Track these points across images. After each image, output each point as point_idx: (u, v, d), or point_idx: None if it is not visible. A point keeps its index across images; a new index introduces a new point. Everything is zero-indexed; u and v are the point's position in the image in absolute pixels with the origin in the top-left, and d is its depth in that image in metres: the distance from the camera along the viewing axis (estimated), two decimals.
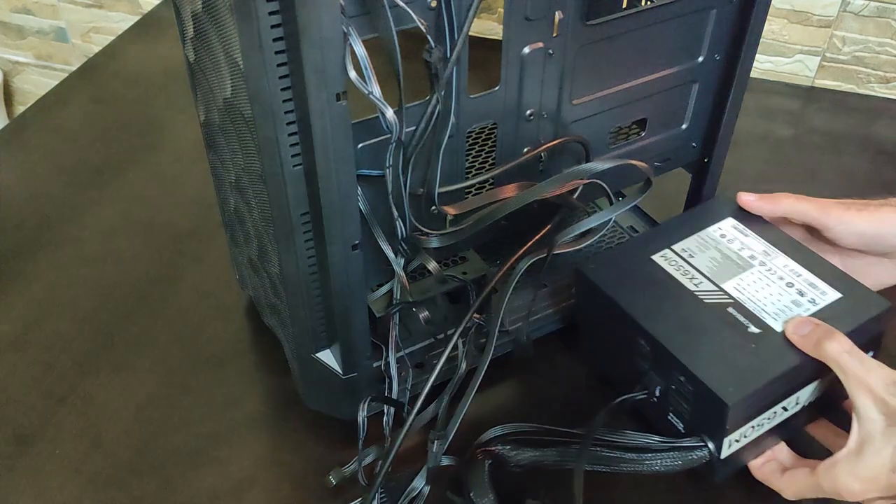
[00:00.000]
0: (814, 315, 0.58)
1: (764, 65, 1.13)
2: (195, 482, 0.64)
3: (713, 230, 0.66)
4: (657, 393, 0.59)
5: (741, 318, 0.58)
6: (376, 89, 0.47)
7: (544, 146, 0.61)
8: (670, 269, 0.63)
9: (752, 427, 0.56)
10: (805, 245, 0.65)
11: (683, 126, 0.71)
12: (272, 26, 0.45)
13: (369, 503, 0.57)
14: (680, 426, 0.58)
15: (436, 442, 0.58)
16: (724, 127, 0.71)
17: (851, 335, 0.55)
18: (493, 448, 0.58)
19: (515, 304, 0.68)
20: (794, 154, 1.00)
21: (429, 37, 0.49)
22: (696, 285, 0.61)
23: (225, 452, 0.66)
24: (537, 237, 0.63)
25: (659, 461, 0.56)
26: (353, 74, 0.46)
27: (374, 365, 0.63)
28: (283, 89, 0.47)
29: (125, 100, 1.08)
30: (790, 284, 0.61)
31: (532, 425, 0.59)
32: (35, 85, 1.62)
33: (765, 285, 0.61)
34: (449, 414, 0.59)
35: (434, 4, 0.49)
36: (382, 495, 0.59)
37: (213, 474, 0.65)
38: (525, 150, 0.62)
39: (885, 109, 1.06)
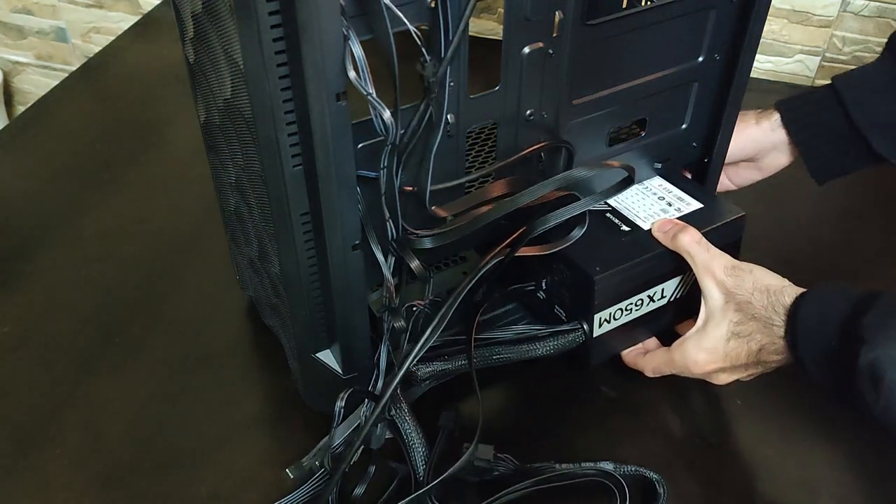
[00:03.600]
0: (677, 219, 0.66)
1: (764, 65, 1.13)
2: (196, 482, 0.64)
3: None
4: (544, 286, 0.66)
5: (615, 221, 0.67)
6: (373, 90, 0.47)
7: (527, 150, 0.61)
8: None
9: (621, 310, 0.65)
10: (685, 174, 0.75)
11: (683, 126, 0.71)
12: (272, 26, 0.45)
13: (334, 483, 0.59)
14: (563, 316, 0.67)
15: (378, 425, 0.61)
16: (724, 127, 0.71)
17: (708, 236, 0.64)
18: None
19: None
20: None
21: (423, 49, 0.49)
22: None
23: (225, 452, 0.66)
24: (505, 243, 0.63)
25: (543, 346, 0.65)
26: (352, 75, 0.46)
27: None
28: (283, 89, 0.47)
29: (125, 100, 1.08)
30: (661, 198, 0.70)
31: (438, 339, 0.62)
32: (35, 85, 1.62)
33: (640, 198, 0.70)
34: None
35: (433, 4, 0.49)
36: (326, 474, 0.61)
37: (214, 474, 0.65)
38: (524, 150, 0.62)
39: None
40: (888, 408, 0.50)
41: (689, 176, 0.75)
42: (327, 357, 0.64)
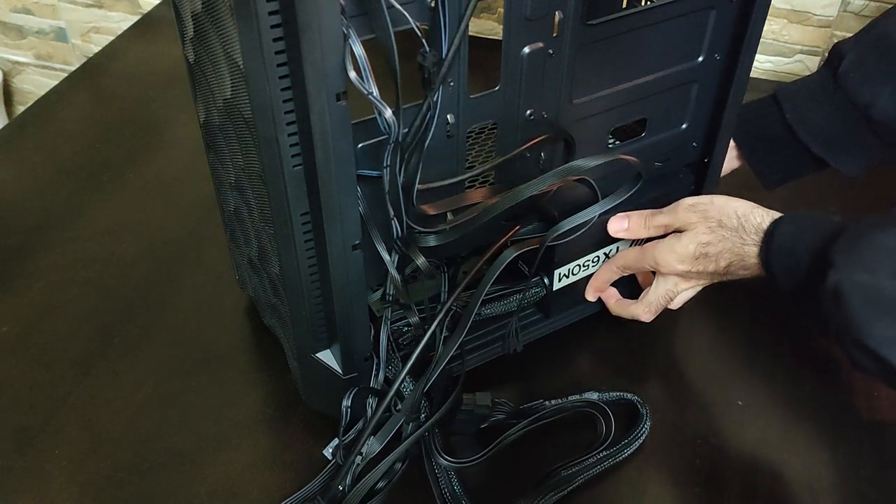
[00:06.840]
0: None
1: (764, 65, 1.13)
2: (195, 482, 0.64)
3: None
4: (509, 242, 0.66)
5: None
6: (375, 89, 0.47)
7: (525, 145, 0.61)
8: None
9: (579, 266, 0.71)
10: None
11: (683, 126, 0.71)
12: (272, 26, 0.45)
13: (342, 477, 0.60)
14: (526, 270, 0.70)
15: (410, 424, 0.62)
16: (724, 127, 0.71)
17: (654, 202, 0.69)
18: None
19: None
20: None
21: (423, 40, 0.49)
22: None
23: (225, 452, 0.66)
24: (510, 234, 0.64)
25: (508, 303, 0.69)
26: (352, 75, 0.46)
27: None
28: (283, 89, 0.47)
29: (125, 100, 1.08)
30: None
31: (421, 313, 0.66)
32: (35, 85, 1.62)
33: None
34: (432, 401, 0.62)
35: (434, 4, 0.49)
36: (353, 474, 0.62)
37: (214, 474, 0.65)
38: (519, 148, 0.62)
39: None
40: (845, 327, 0.54)
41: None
42: (327, 357, 0.64)
